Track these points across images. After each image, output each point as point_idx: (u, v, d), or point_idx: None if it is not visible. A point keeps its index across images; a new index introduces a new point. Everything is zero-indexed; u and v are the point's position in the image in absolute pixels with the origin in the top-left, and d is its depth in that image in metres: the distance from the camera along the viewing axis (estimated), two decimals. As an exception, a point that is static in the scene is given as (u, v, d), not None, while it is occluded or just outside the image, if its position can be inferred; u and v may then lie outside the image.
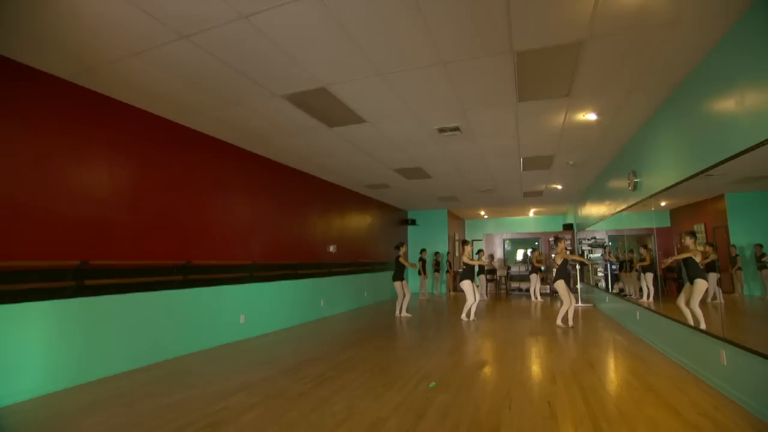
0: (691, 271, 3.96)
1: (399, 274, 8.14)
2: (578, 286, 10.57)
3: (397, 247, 8.25)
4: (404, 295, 8.07)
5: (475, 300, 7.48)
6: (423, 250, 11.85)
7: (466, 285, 7.49)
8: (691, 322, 3.94)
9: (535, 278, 11.24)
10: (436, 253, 13.14)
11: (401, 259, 8.14)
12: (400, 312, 8.04)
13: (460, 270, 7.88)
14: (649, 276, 5.54)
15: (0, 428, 2.89)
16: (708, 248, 3.89)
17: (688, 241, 3.96)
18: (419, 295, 11.93)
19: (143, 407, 3.17)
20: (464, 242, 7.78)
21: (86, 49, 3.29)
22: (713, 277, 3.79)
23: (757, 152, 2.72)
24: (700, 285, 3.81)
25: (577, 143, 6.00)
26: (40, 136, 3.61)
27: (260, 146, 6.10)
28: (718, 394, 3.35)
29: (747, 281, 3.36)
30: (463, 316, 7.52)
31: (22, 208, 3.44)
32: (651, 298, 5.50)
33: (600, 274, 9.23)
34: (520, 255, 15.21)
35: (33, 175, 3.54)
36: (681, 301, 4.09)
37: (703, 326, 3.76)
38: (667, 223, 4.72)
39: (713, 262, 3.81)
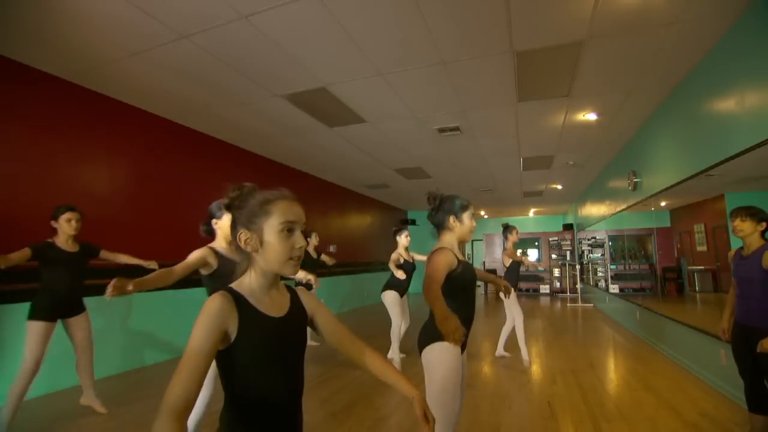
0: None
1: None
2: (578, 286, 10.57)
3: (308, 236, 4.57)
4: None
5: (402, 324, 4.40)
6: None
7: (389, 298, 4.54)
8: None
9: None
10: None
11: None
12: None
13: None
14: None
15: (0, 428, 2.89)
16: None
17: None
18: None
19: (143, 407, 3.17)
20: (399, 228, 4.53)
21: (86, 49, 3.29)
22: None
23: (757, 152, 2.72)
24: None
25: (577, 143, 6.00)
26: (39, 135, 3.61)
27: (260, 146, 6.10)
28: (718, 394, 3.35)
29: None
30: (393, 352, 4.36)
31: (22, 208, 3.44)
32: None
33: (600, 274, 9.23)
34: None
35: (32, 175, 3.54)
36: None
37: None
38: (667, 223, 4.72)
39: None
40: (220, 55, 3.40)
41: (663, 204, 4.72)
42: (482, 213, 15.16)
